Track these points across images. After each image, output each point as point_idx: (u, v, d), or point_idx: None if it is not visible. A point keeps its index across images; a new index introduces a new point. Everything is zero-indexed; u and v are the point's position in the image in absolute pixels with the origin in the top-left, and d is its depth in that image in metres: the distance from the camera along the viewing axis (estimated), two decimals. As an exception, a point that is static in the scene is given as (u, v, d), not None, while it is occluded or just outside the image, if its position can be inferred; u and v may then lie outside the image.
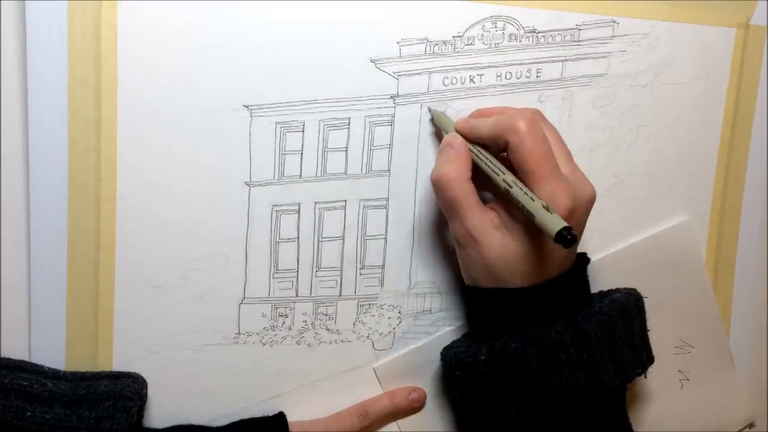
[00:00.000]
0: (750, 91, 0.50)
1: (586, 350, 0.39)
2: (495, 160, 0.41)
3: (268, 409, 0.44)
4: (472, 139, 0.42)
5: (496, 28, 0.45)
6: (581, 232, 0.42)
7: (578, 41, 0.46)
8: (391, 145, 0.45)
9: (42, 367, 0.40)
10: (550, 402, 0.39)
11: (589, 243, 0.48)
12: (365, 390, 0.46)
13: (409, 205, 0.45)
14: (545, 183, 0.38)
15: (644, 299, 0.45)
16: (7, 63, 0.40)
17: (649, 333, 0.44)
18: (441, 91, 0.45)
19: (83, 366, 0.41)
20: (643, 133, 0.48)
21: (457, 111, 0.45)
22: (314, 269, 0.45)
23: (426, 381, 0.47)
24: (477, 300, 0.43)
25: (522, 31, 0.45)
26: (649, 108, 0.48)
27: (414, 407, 0.46)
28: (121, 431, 0.38)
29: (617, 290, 0.45)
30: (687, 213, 0.50)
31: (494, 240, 0.39)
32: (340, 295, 0.45)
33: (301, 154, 0.43)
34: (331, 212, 0.44)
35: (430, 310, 0.47)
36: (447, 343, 0.45)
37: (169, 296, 0.42)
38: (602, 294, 0.45)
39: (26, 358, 0.41)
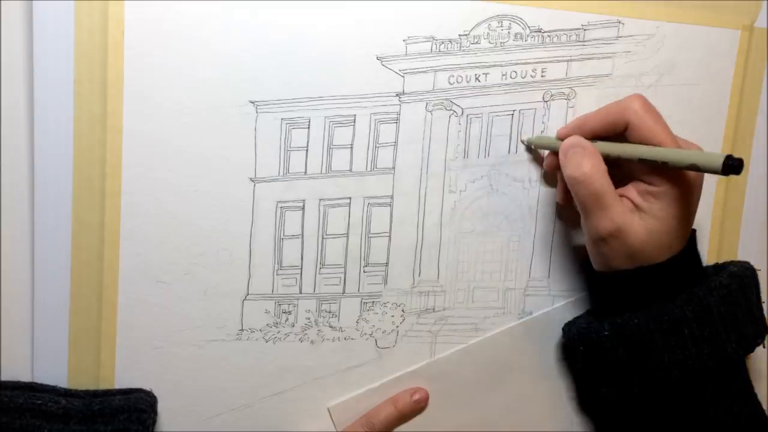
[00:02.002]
0: (754, 93, 0.50)
1: (708, 324, 0.40)
2: (624, 144, 0.42)
3: (271, 407, 0.44)
4: (586, 136, 0.43)
5: (501, 27, 0.45)
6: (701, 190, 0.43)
7: (583, 41, 0.46)
8: (396, 143, 0.45)
9: (54, 386, 0.40)
10: (675, 376, 0.40)
11: (593, 243, 0.48)
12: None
13: (413, 203, 0.45)
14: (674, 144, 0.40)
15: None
16: (13, 56, 0.39)
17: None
18: (446, 89, 0.45)
19: (87, 360, 0.41)
20: (647, 134, 0.48)
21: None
22: (318, 266, 0.45)
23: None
24: (604, 281, 0.43)
25: (527, 31, 0.45)
26: (653, 109, 0.48)
27: (419, 408, 0.46)
28: None
29: (732, 263, 0.45)
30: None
31: (636, 225, 0.40)
32: (343, 292, 0.45)
33: (306, 150, 0.44)
34: (336, 209, 0.44)
35: (434, 309, 0.47)
36: (403, 384, 0.46)
37: (173, 291, 0.42)
38: (717, 267, 0.45)
39: (29, 353, 0.41)
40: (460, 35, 0.44)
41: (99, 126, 0.40)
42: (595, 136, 0.43)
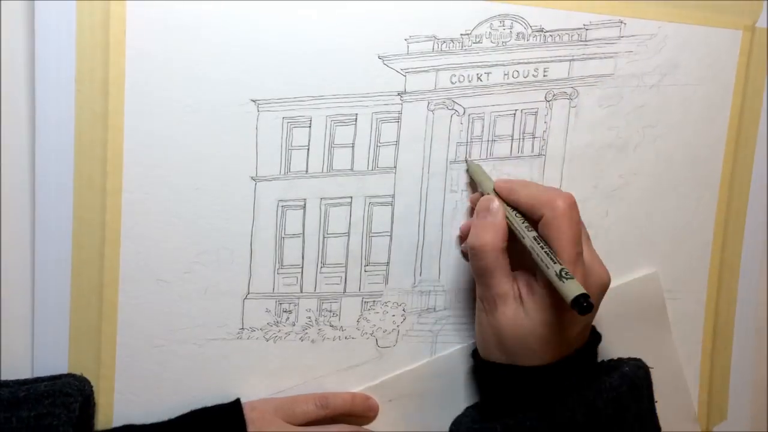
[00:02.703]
0: (756, 93, 0.50)
1: (598, 428, 0.40)
2: (526, 223, 0.41)
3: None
4: (508, 202, 0.43)
5: (503, 26, 0.45)
6: (593, 317, 0.42)
7: (585, 41, 0.46)
8: (397, 142, 0.45)
9: None
10: None
11: (594, 242, 0.48)
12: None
13: (414, 202, 0.45)
14: (566, 266, 0.39)
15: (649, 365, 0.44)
16: (15, 54, 0.39)
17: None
18: (448, 88, 0.45)
19: (87, 359, 0.41)
20: (649, 134, 0.48)
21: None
22: (319, 265, 0.45)
23: (379, 419, 0.46)
24: (489, 374, 0.43)
25: (529, 30, 0.45)
26: (656, 109, 0.48)
27: (367, 415, 0.46)
28: (62, 426, 0.37)
29: (623, 361, 0.44)
30: (689, 217, 0.50)
31: (509, 309, 0.40)
32: (344, 291, 0.45)
33: (308, 149, 0.43)
34: (337, 208, 0.44)
35: (434, 308, 0.47)
36: (402, 382, 0.46)
37: (174, 290, 0.42)
38: (609, 365, 0.44)
39: (29, 351, 0.41)
40: (462, 34, 0.44)
41: (100, 124, 0.40)
42: (517, 206, 0.42)
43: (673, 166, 0.49)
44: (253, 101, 0.42)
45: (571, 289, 0.36)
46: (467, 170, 0.46)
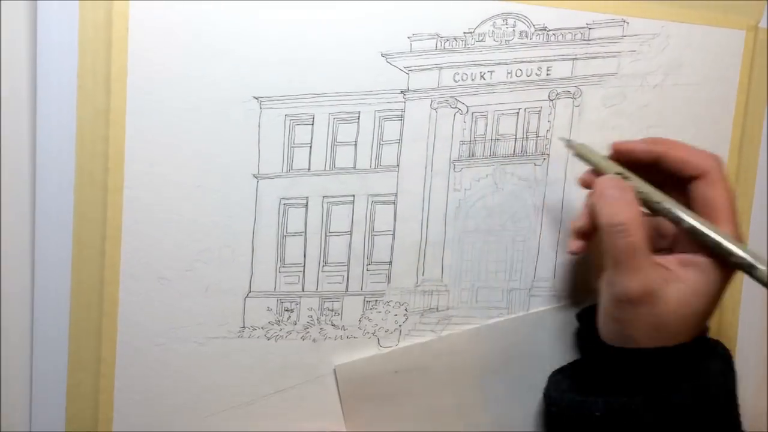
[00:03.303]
0: (760, 94, 0.49)
1: (706, 417, 0.37)
2: (672, 201, 0.39)
3: (272, 405, 0.44)
4: (648, 161, 0.40)
5: (506, 25, 0.45)
6: None
7: (588, 40, 0.46)
8: (400, 141, 0.44)
9: None
10: None
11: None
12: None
13: (417, 201, 0.45)
14: (733, 227, 0.37)
15: None
16: (17, 51, 0.39)
17: None
18: (451, 87, 0.45)
19: (87, 356, 0.41)
20: (653, 134, 0.48)
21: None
22: (321, 264, 0.44)
23: (383, 388, 0.46)
24: (610, 353, 0.39)
25: (532, 29, 0.45)
26: (659, 108, 0.48)
27: None
28: None
29: (714, 341, 0.41)
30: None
31: (671, 295, 0.36)
32: (346, 290, 0.45)
33: (310, 147, 0.43)
34: (339, 207, 0.44)
35: (437, 308, 0.46)
36: (411, 354, 0.45)
37: (175, 288, 0.42)
38: (711, 345, 0.41)
39: (28, 349, 0.41)
40: (465, 33, 0.44)
41: (102, 121, 0.40)
42: (653, 169, 0.40)
43: (676, 166, 0.49)
44: (256, 98, 0.42)
45: (761, 260, 0.34)
46: (574, 154, 0.43)
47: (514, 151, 0.46)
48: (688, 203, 0.39)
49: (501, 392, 0.48)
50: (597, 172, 0.42)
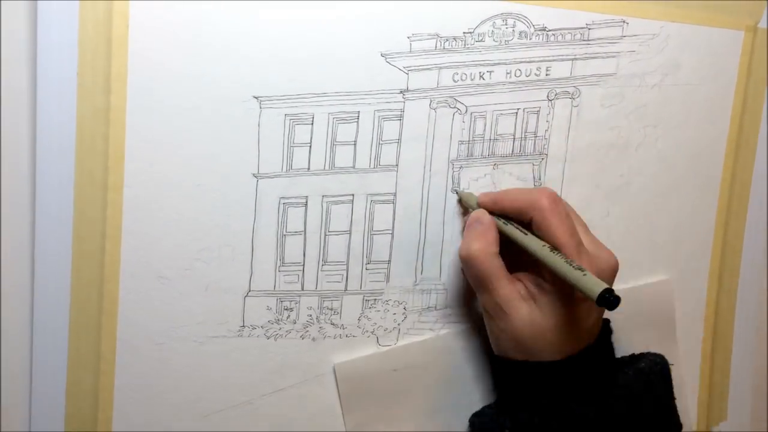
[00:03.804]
0: (757, 94, 0.50)
1: (611, 427, 0.39)
2: (525, 230, 0.41)
3: (272, 404, 0.44)
4: (496, 213, 0.43)
5: (506, 25, 0.45)
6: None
7: (588, 40, 0.46)
8: (399, 140, 0.44)
9: None
10: None
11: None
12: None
13: (416, 200, 0.45)
14: (569, 250, 0.39)
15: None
16: (16, 49, 0.39)
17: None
18: (450, 87, 0.45)
19: (87, 355, 0.41)
20: (651, 134, 0.48)
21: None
22: (320, 263, 0.45)
23: (382, 387, 0.46)
24: (504, 370, 0.43)
25: (532, 29, 0.45)
26: (657, 108, 0.48)
27: None
28: None
29: (641, 357, 0.44)
30: (690, 217, 0.50)
31: (522, 311, 0.40)
32: (345, 289, 0.45)
33: (310, 146, 0.43)
34: (339, 206, 0.44)
35: (435, 307, 0.47)
36: (409, 352, 0.46)
37: (174, 287, 0.42)
38: (625, 361, 0.44)
39: (27, 348, 0.41)
40: (464, 33, 0.44)
41: (102, 120, 0.40)
42: (507, 217, 0.43)
43: (674, 166, 0.49)
44: (256, 98, 0.42)
45: (594, 285, 0.36)
46: (459, 201, 0.46)
47: (512, 151, 0.46)
48: None
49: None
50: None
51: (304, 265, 0.44)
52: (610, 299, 0.35)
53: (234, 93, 0.41)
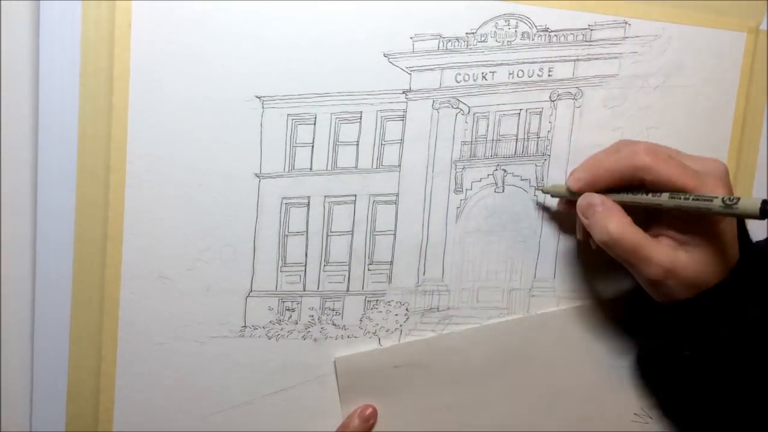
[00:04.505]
0: (759, 95, 0.50)
1: None
2: (640, 194, 0.41)
3: (273, 404, 0.44)
4: (600, 190, 0.42)
5: (509, 25, 0.45)
6: None
7: (590, 41, 0.46)
8: (402, 141, 0.44)
9: None
10: None
11: (598, 243, 0.48)
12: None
13: (418, 201, 0.45)
14: (695, 183, 0.39)
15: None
16: (19, 47, 0.39)
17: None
18: (453, 87, 0.45)
19: (88, 355, 0.41)
20: (653, 135, 0.48)
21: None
22: (322, 263, 0.44)
23: (382, 383, 0.46)
24: (677, 312, 0.42)
25: (534, 30, 0.45)
26: (659, 110, 0.48)
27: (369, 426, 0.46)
28: None
29: None
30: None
31: (685, 260, 0.40)
32: (347, 290, 0.45)
33: (312, 147, 0.43)
34: (341, 206, 0.44)
35: (438, 308, 0.46)
36: (411, 350, 0.46)
37: (176, 287, 0.42)
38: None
39: (29, 348, 0.41)
40: (467, 33, 0.44)
41: (104, 119, 0.40)
42: (609, 190, 0.42)
43: (676, 168, 0.49)
44: (258, 98, 0.42)
45: (747, 205, 0.36)
46: (546, 194, 0.46)
47: (515, 152, 0.46)
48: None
49: (500, 393, 0.48)
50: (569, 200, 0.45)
51: (306, 265, 0.44)
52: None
53: (236, 92, 0.41)
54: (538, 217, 0.47)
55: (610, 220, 0.41)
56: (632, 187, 0.42)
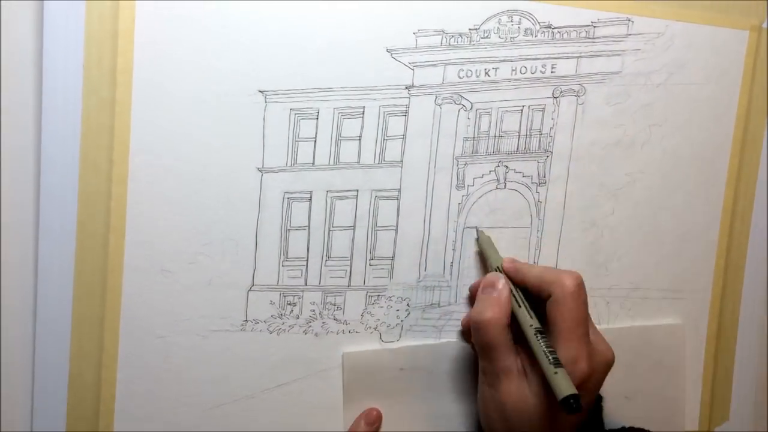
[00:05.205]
0: (762, 93, 0.50)
1: None
2: (528, 307, 0.42)
3: (274, 398, 0.44)
4: (516, 281, 0.43)
5: (512, 22, 0.45)
6: (595, 393, 0.42)
7: (593, 38, 0.46)
8: (404, 136, 0.44)
9: None
10: None
11: (600, 241, 0.48)
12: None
13: (420, 196, 0.45)
14: (572, 345, 0.40)
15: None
16: (23, 41, 0.39)
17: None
18: (456, 83, 0.45)
19: (89, 348, 0.41)
20: (656, 132, 0.48)
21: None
22: (324, 258, 0.45)
23: (386, 384, 0.46)
24: None
25: (538, 26, 0.45)
26: (662, 107, 0.48)
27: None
28: None
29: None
30: (694, 216, 0.50)
31: (513, 385, 0.40)
32: (349, 285, 0.45)
33: (315, 141, 0.43)
34: (343, 201, 0.44)
35: (439, 304, 0.46)
36: (418, 354, 0.46)
37: (178, 280, 0.42)
38: None
39: (31, 340, 0.41)
40: (470, 29, 0.44)
41: (107, 112, 0.40)
42: (523, 285, 0.43)
43: (679, 165, 0.49)
44: (261, 92, 0.42)
45: (562, 387, 0.37)
46: (477, 240, 0.46)
47: (517, 148, 0.46)
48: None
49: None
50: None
51: (307, 260, 0.44)
52: (572, 405, 0.36)
53: (239, 87, 0.41)
54: (539, 214, 0.47)
55: (491, 309, 0.41)
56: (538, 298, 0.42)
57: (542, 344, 0.39)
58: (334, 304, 0.45)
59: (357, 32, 0.42)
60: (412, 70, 0.44)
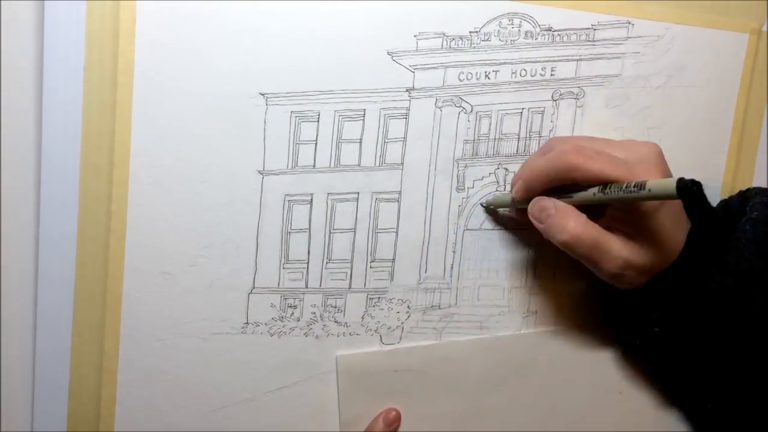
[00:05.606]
0: (760, 97, 0.50)
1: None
2: (571, 190, 0.41)
3: (274, 401, 0.44)
4: (539, 191, 0.42)
5: (512, 25, 0.45)
6: (670, 174, 0.43)
7: (593, 41, 0.46)
8: (405, 139, 0.44)
9: None
10: None
11: (599, 243, 0.48)
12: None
13: (421, 199, 0.45)
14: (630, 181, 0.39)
15: None
16: (24, 42, 0.39)
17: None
18: (456, 86, 0.45)
19: (90, 350, 0.41)
20: (654, 135, 0.48)
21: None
22: (325, 261, 0.45)
23: (381, 386, 0.46)
24: (643, 294, 0.43)
25: (538, 29, 0.45)
26: (661, 110, 0.48)
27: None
28: None
29: (751, 196, 0.45)
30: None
31: (635, 250, 0.41)
32: (349, 287, 0.45)
33: (315, 144, 0.43)
34: (344, 204, 0.44)
35: (439, 306, 0.47)
36: (412, 355, 0.46)
37: (178, 283, 0.42)
38: (738, 203, 0.45)
39: (31, 342, 0.41)
40: (470, 32, 0.44)
41: (108, 114, 0.40)
42: (546, 192, 0.42)
43: (677, 168, 0.49)
44: (262, 95, 0.42)
45: (666, 185, 0.36)
46: (486, 208, 0.46)
47: (517, 151, 0.47)
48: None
49: (497, 405, 0.48)
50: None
51: (308, 262, 0.44)
52: (688, 185, 0.35)
53: (240, 89, 0.41)
54: (539, 216, 0.47)
55: (567, 220, 0.40)
56: (566, 187, 0.42)
57: (616, 189, 0.38)
58: (335, 307, 0.45)
59: (358, 35, 0.42)
60: (413, 72, 0.44)
